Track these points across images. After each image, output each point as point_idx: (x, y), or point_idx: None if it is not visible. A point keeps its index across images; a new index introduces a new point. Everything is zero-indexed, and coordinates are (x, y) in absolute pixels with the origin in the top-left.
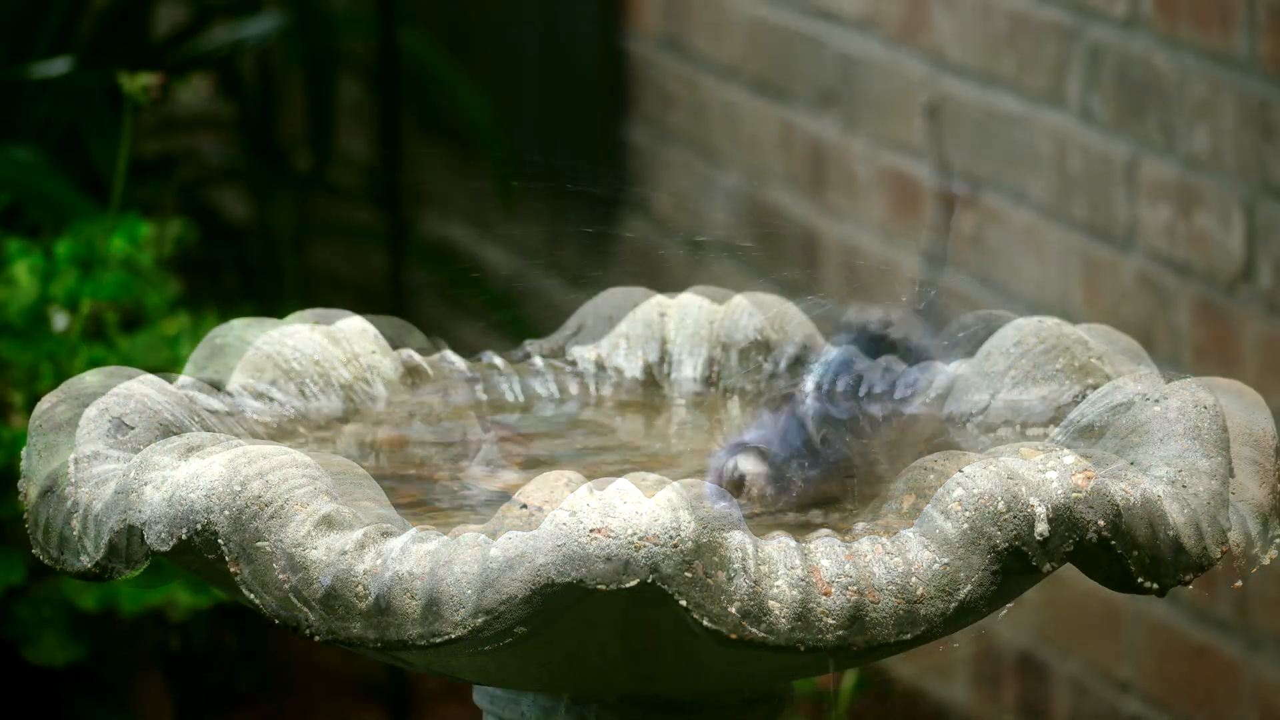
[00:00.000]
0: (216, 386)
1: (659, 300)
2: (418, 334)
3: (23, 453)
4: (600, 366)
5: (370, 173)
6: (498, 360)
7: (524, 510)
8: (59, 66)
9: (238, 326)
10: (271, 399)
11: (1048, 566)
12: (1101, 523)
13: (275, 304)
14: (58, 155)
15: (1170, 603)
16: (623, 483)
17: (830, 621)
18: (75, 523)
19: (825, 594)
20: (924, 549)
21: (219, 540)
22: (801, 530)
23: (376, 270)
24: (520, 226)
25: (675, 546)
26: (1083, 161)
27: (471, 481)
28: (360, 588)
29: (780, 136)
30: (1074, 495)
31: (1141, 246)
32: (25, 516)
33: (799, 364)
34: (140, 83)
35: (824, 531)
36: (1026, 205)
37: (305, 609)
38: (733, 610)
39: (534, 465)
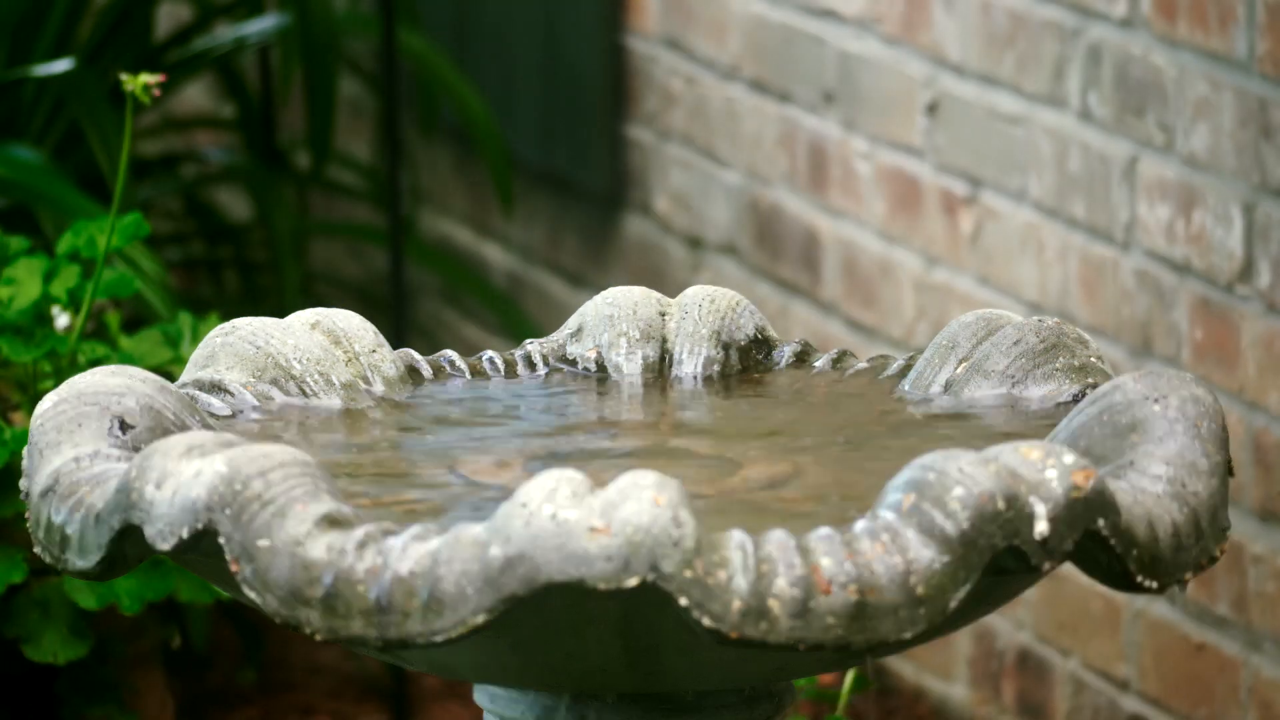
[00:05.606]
0: (217, 386)
1: (659, 299)
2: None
3: (24, 451)
4: (600, 366)
5: (370, 172)
6: (498, 360)
7: (524, 509)
8: (60, 66)
9: (238, 326)
10: (271, 399)
11: (1047, 565)
12: (1101, 521)
13: (275, 304)
14: (59, 155)
15: (1170, 601)
16: (623, 481)
17: (830, 620)
18: (77, 521)
19: (825, 592)
20: (924, 547)
21: (220, 538)
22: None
23: (376, 270)
24: (520, 226)
25: (676, 545)
26: (1082, 161)
27: (474, 476)
28: (361, 586)
29: (780, 135)
30: (1074, 494)
31: (1141, 246)
32: (27, 515)
33: (799, 361)
34: (141, 82)
35: (824, 529)
36: (1026, 205)
37: (306, 607)
38: (733, 609)
39: (535, 464)
